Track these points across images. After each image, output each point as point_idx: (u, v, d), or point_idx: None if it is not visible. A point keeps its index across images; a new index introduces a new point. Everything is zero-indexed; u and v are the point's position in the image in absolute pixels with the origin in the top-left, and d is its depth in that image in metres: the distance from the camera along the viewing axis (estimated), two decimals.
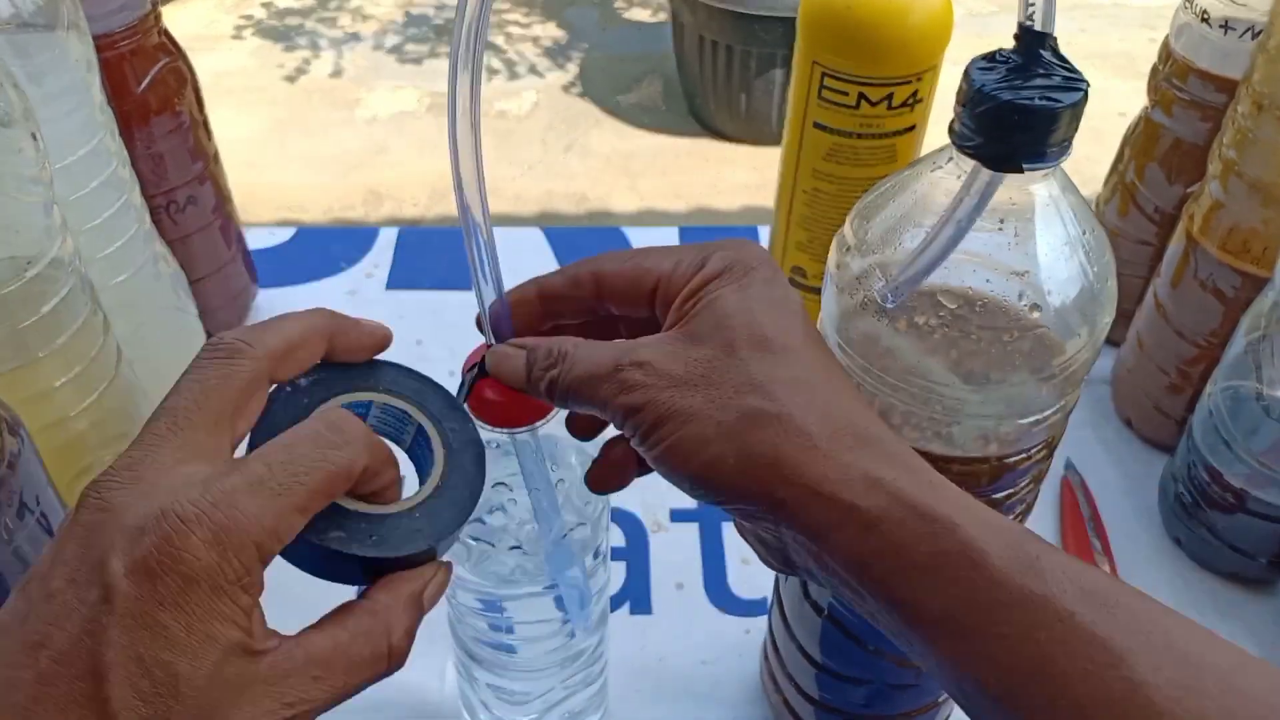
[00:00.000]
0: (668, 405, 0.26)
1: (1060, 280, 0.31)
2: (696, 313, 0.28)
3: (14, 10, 0.44)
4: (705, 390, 0.26)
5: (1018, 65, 0.28)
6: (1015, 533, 0.24)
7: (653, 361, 0.27)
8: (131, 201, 0.52)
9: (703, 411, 0.26)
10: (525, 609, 0.39)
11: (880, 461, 0.25)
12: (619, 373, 0.27)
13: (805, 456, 0.25)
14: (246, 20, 2.76)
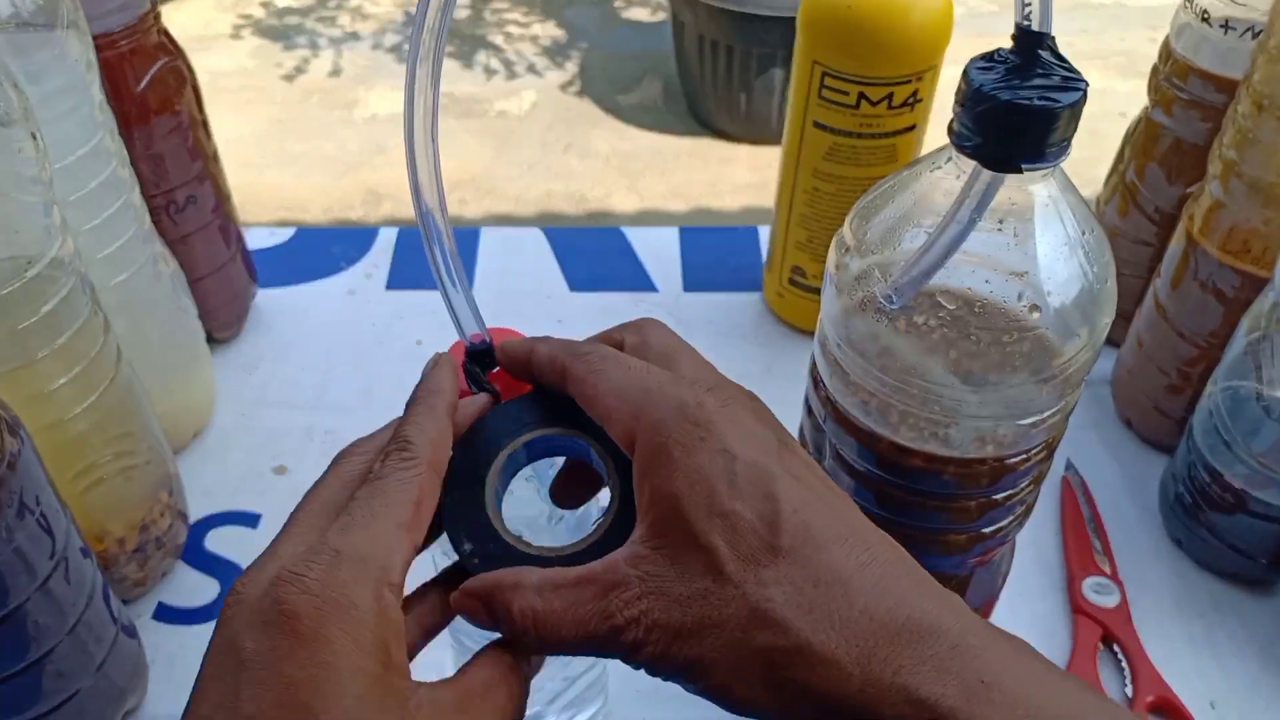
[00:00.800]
0: (684, 657, 0.23)
1: (1060, 281, 0.31)
2: (660, 521, 0.24)
3: (13, 9, 0.44)
4: (713, 634, 0.23)
5: (1016, 65, 0.28)
6: None
7: (645, 615, 0.23)
8: (131, 201, 0.52)
9: (721, 662, 0.23)
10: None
11: (922, 671, 0.22)
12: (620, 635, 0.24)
13: (842, 688, 0.22)
14: (245, 20, 2.76)
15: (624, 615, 0.24)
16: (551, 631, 0.25)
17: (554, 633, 0.24)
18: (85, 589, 0.42)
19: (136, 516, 0.50)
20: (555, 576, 0.25)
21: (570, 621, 0.24)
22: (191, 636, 0.52)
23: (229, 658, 0.23)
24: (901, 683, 0.22)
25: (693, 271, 0.75)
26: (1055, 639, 0.52)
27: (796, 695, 0.23)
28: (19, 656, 0.39)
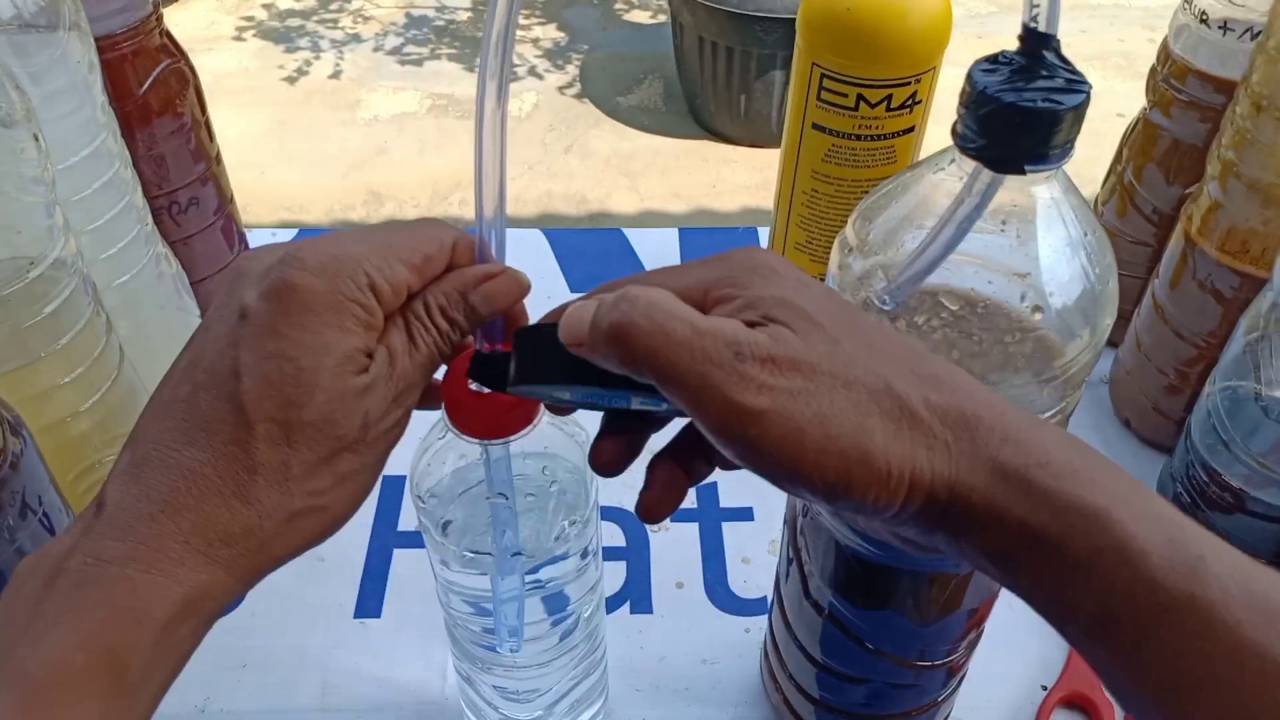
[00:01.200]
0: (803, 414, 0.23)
1: (1062, 282, 0.31)
2: (773, 305, 0.25)
3: (15, 11, 0.44)
4: (838, 392, 0.23)
5: (1021, 67, 0.28)
6: (1175, 525, 0.22)
7: (776, 358, 0.23)
8: (133, 202, 0.52)
9: (841, 415, 0.23)
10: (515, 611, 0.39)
11: (1022, 448, 0.23)
12: (739, 362, 0.23)
13: (959, 462, 0.23)
14: (248, 21, 2.76)
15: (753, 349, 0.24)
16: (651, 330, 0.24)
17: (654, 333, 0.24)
18: None
19: None
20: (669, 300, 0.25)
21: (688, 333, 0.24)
22: None
23: (231, 311, 0.26)
24: (989, 451, 0.23)
25: None
26: (1054, 638, 0.52)
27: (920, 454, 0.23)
28: None
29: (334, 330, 0.26)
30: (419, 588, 0.54)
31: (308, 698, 0.50)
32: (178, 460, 0.25)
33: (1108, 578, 0.22)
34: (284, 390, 0.26)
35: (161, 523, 0.25)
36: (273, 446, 0.26)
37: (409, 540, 0.57)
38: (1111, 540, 0.22)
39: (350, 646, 0.52)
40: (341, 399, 0.26)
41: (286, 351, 0.26)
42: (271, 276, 0.26)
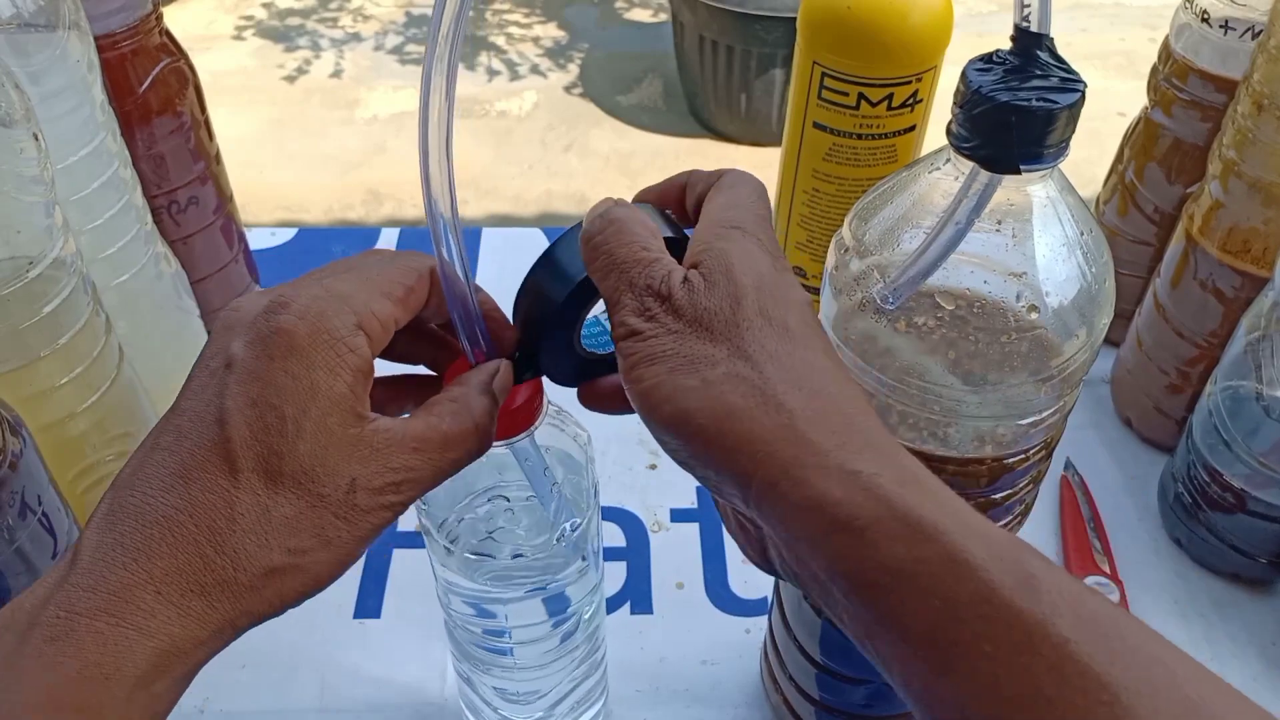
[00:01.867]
0: (665, 348, 0.25)
1: (1058, 281, 0.31)
2: (711, 259, 0.27)
3: (15, 10, 0.44)
4: (704, 344, 0.25)
5: (1015, 66, 0.28)
6: (1010, 545, 0.22)
7: (673, 298, 0.26)
8: (133, 202, 0.52)
9: (694, 363, 0.25)
10: (518, 613, 0.39)
11: (862, 453, 0.23)
12: (646, 295, 0.26)
13: (781, 434, 0.24)
14: (247, 20, 2.76)
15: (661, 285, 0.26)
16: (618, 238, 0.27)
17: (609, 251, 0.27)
18: None
19: None
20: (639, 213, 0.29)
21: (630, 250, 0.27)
22: None
23: (218, 361, 0.26)
24: (839, 455, 0.23)
25: None
26: None
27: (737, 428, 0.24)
28: None
29: (321, 372, 0.26)
30: (419, 588, 0.54)
31: (307, 698, 0.50)
32: (154, 507, 0.25)
33: (932, 588, 0.21)
34: (268, 438, 0.25)
35: (134, 571, 0.24)
36: (253, 496, 0.25)
37: (409, 540, 0.57)
38: (943, 551, 0.22)
39: (349, 647, 0.52)
40: (326, 449, 0.26)
41: (270, 399, 0.25)
42: (258, 325, 0.26)
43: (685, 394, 0.25)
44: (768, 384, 0.24)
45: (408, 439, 0.27)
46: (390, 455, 0.27)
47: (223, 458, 0.25)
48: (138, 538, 0.24)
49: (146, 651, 0.23)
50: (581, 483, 0.37)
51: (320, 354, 0.26)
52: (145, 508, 0.25)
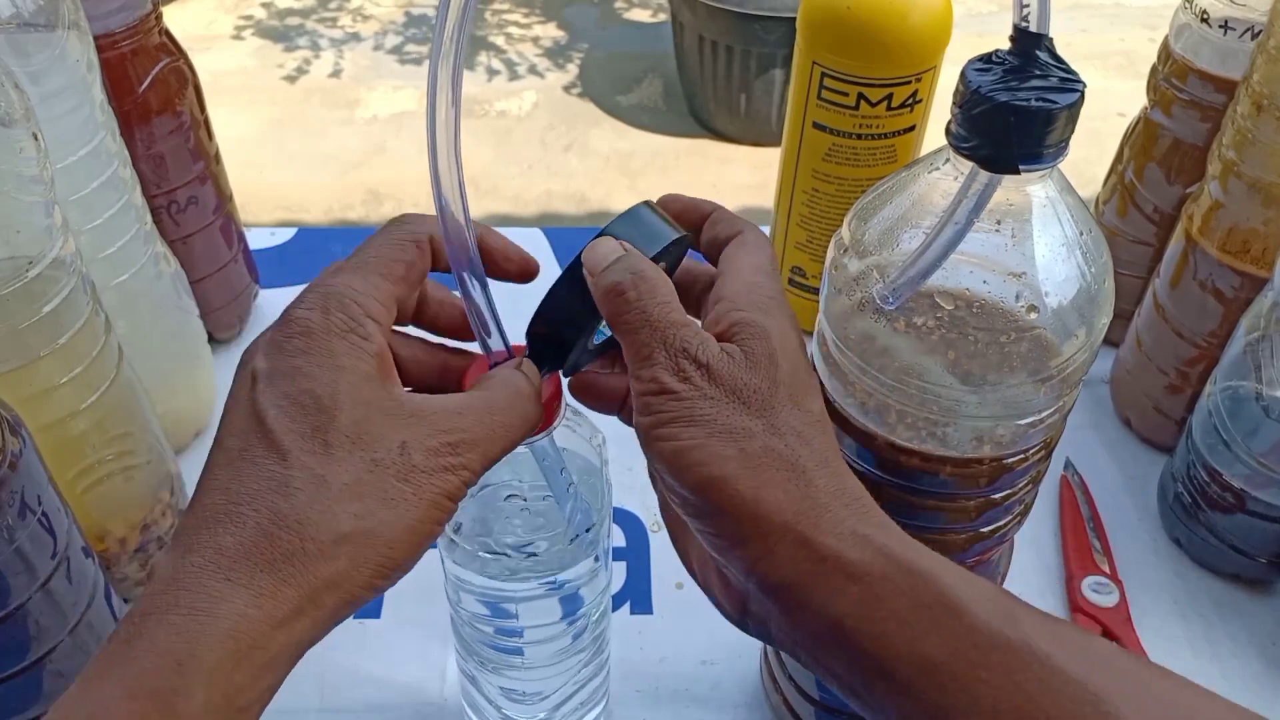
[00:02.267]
0: (703, 413, 0.27)
1: (1058, 281, 0.31)
2: (741, 331, 0.28)
3: (14, 10, 0.44)
4: (741, 416, 0.27)
5: (1014, 66, 0.28)
6: (992, 587, 0.25)
7: (711, 367, 0.27)
8: (132, 201, 0.52)
9: (734, 433, 0.26)
10: (530, 612, 0.39)
11: (866, 520, 0.26)
12: (682, 357, 0.27)
13: (810, 509, 0.26)
14: (247, 20, 2.76)
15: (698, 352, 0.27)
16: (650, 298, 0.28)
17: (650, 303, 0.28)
18: (87, 589, 0.42)
19: (138, 516, 0.50)
20: None
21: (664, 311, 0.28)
22: None
23: (244, 382, 0.27)
24: (851, 522, 0.26)
25: None
26: None
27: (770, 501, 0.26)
28: (19, 656, 0.39)
29: (344, 357, 0.27)
30: (419, 588, 0.54)
31: (307, 698, 0.50)
32: (211, 506, 0.25)
33: (933, 628, 0.24)
34: (307, 418, 0.26)
35: (198, 564, 0.24)
36: (306, 470, 0.25)
37: None
38: (937, 594, 0.24)
39: (350, 647, 0.52)
40: (368, 417, 0.26)
41: (302, 386, 0.26)
42: (272, 338, 0.27)
43: (724, 462, 0.26)
44: (798, 460, 0.27)
45: (450, 404, 0.28)
46: (437, 419, 0.27)
47: (269, 446, 0.26)
48: (201, 536, 0.25)
49: (219, 634, 0.23)
50: (596, 484, 0.37)
51: (337, 343, 0.27)
52: (205, 512, 0.25)
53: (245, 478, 0.25)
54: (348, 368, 0.27)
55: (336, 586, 0.26)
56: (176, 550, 0.25)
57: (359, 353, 0.27)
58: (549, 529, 0.37)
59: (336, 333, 0.27)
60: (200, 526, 0.25)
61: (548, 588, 0.38)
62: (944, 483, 0.34)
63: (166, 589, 0.24)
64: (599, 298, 0.29)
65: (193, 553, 0.24)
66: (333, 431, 0.26)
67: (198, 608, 0.23)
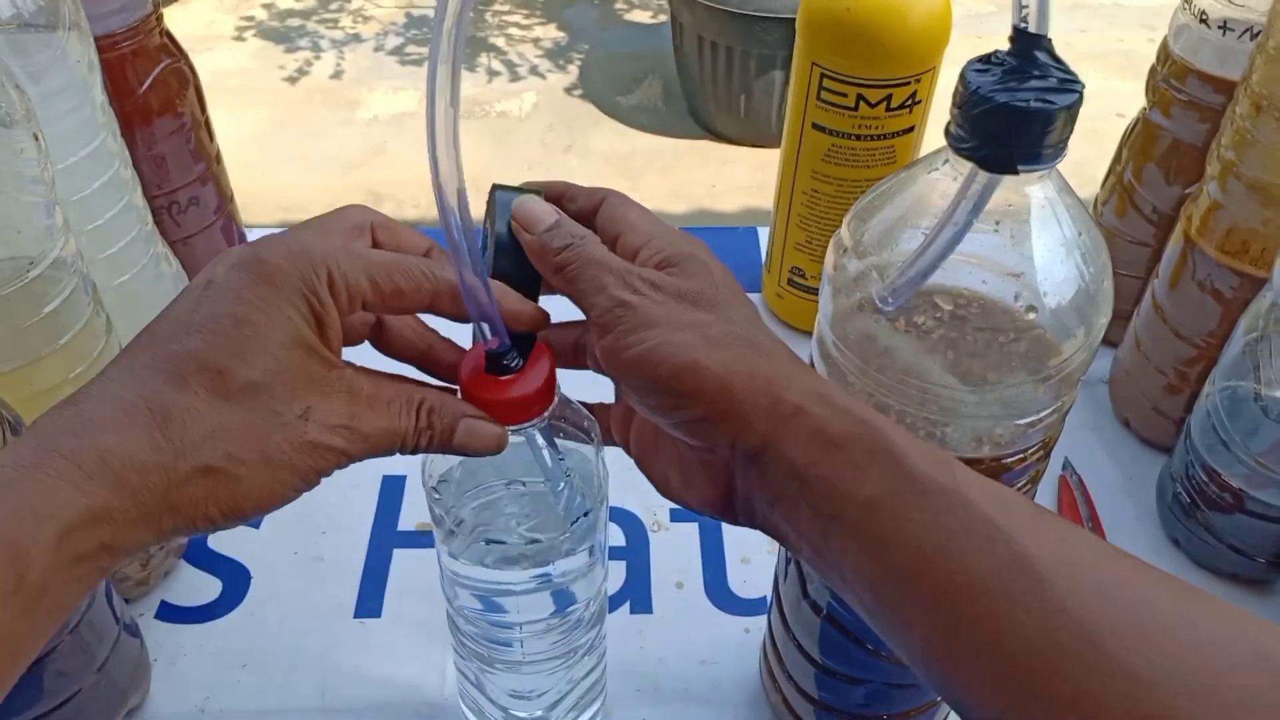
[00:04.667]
0: (660, 315, 0.29)
1: (1056, 281, 0.31)
2: (684, 259, 0.31)
3: (15, 10, 0.44)
4: (695, 312, 0.30)
5: (1013, 67, 0.28)
6: (938, 450, 0.28)
7: (656, 280, 0.30)
8: (133, 202, 0.52)
9: (691, 325, 0.29)
10: (525, 606, 0.39)
11: (822, 382, 0.29)
12: (628, 275, 0.30)
13: (776, 374, 0.29)
14: (248, 21, 2.76)
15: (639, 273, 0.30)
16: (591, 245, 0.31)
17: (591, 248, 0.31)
18: None
19: None
20: None
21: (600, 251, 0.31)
22: (194, 636, 0.52)
23: (200, 281, 0.28)
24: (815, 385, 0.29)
25: None
26: None
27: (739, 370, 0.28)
28: None
29: (290, 309, 0.28)
30: (419, 588, 0.54)
31: (307, 698, 0.50)
32: (116, 391, 0.26)
33: (879, 471, 0.27)
34: (234, 344, 0.27)
35: (81, 438, 0.25)
36: (209, 394, 0.26)
37: (409, 540, 0.57)
38: (883, 444, 0.27)
39: (350, 646, 0.52)
40: (285, 371, 0.27)
41: (242, 313, 0.27)
42: (242, 253, 0.28)
43: (690, 348, 0.29)
44: (755, 338, 0.30)
45: (368, 391, 0.29)
46: (350, 399, 0.29)
47: (190, 355, 0.27)
48: (91, 412, 0.26)
49: (79, 507, 0.24)
50: (591, 470, 0.37)
51: (292, 292, 0.28)
52: (107, 390, 0.26)
53: (157, 378, 0.26)
54: (292, 321, 0.28)
55: (182, 516, 0.26)
56: (65, 407, 0.26)
57: (304, 312, 0.28)
58: (547, 514, 0.37)
59: (297, 285, 0.28)
60: (96, 398, 0.26)
61: (541, 580, 0.38)
62: None
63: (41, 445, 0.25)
64: (540, 254, 0.31)
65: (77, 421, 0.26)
66: (249, 371, 0.27)
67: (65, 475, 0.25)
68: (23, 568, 0.24)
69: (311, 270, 0.28)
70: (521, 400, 0.32)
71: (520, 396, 0.32)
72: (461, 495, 0.37)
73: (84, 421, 0.26)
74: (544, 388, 0.32)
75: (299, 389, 0.28)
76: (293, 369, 0.27)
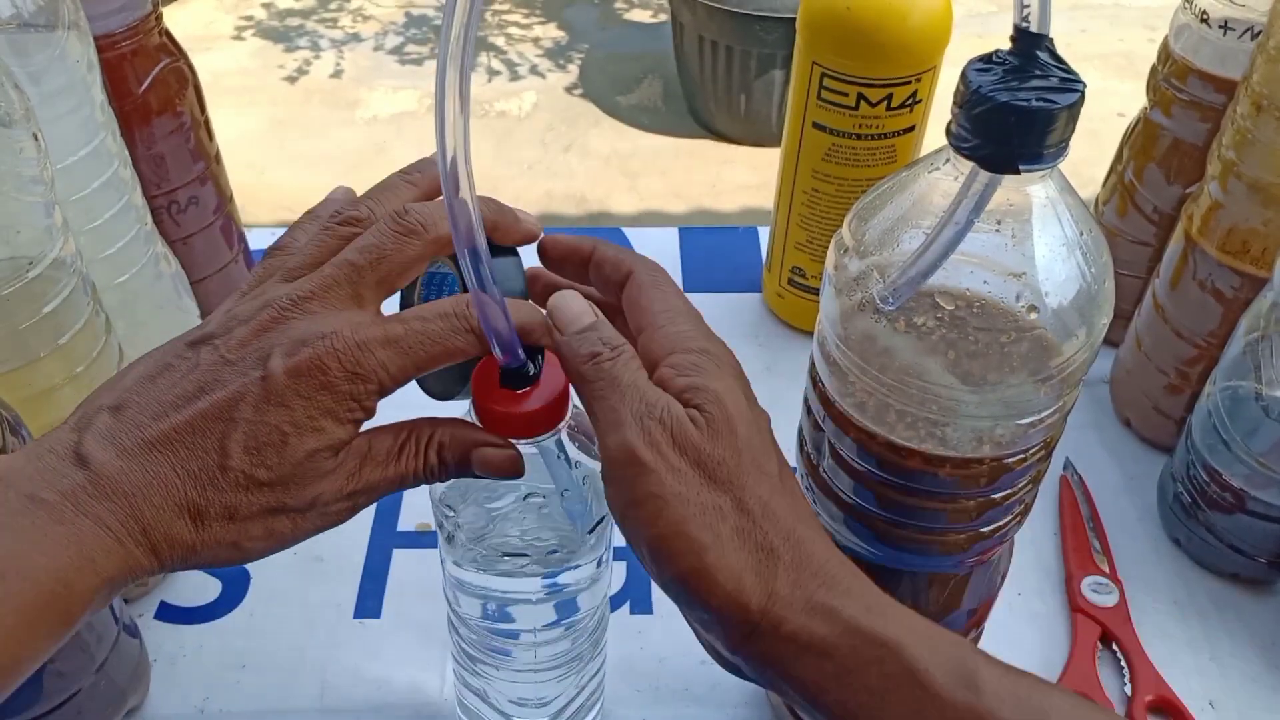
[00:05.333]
0: (675, 491, 0.27)
1: (1058, 281, 0.31)
2: (708, 400, 0.29)
3: (14, 10, 0.44)
4: (711, 492, 0.28)
5: (1014, 67, 0.28)
6: (956, 649, 0.27)
7: (679, 435, 0.28)
8: (133, 202, 0.52)
9: (705, 514, 0.27)
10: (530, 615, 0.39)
11: (834, 589, 0.27)
12: (647, 419, 0.28)
13: (782, 589, 0.27)
14: (247, 21, 2.76)
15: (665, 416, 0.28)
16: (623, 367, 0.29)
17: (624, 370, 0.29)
18: None
19: None
20: None
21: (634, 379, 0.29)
22: (194, 636, 0.52)
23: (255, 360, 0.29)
24: (820, 597, 0.27)
25: (692, 272, 0.75)
26: (1054, 638, 0.52)
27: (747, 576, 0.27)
28: None
29: (330, 420, 0.29)
30: (418, 588, 0.54)
31: (307, 698, 0.50)
32: (157, 460, 0.28)
33: (899, 699, 0.26)
34: (263, 452, 0.28)
35: (131, 505, 0.27)
36: (235, 491, 0.28)
37: (408, 540, 0.57)
38: (903, 665, 0.26)
39: (349, 647, 0.52)
40: (303, 476, 0.29)
41: (283, 425, 0.28)
42: (304, 354, 0.28)
43: (702, 552, 0.27)
44: (766, 538, 0.28)
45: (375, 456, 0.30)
46: (356, 475, 0.30)
47: (224, 452, 0.28)
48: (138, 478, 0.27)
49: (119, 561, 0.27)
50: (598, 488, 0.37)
51: (340, 404, 0.29)
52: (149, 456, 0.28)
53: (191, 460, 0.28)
54: (324, 432, 0.29)
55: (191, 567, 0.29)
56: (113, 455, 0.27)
57: (347, 421, 0.29)
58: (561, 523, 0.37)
59: (346, 396, 0.29)
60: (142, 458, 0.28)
61: (550, 590, 0.38)
62: (944, 483, 0.34)
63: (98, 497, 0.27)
64: (569, 359, 0.30)
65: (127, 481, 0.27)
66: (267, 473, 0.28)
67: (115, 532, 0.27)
68: (71, 610, 0.26)
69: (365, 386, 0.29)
70: (537, 414, 0.31)
71: (536, 410, 0.31)
72: (472, 505, 0.37)
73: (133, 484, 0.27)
74: (558, 400, 0.32)
75: (310, 484, 0.29)
76: (310, 473, 0.29)
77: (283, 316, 0.29)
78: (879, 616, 0.27)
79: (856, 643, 0.26)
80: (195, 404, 0.28)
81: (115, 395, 0.29)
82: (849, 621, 0.27)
